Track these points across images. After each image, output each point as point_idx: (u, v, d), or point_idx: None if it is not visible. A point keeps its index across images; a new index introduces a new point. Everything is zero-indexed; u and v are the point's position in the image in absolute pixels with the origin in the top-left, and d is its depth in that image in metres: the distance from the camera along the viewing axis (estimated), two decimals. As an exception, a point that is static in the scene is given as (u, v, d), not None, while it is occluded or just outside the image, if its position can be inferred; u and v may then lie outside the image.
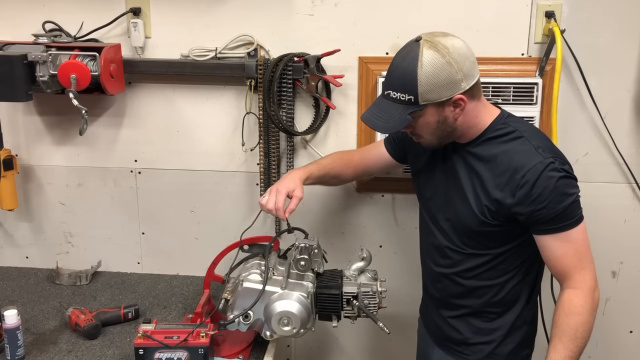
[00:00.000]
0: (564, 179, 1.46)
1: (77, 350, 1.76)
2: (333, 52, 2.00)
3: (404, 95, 1.45)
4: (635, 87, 1.99)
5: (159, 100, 2.16)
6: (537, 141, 1.50)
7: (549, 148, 1.50)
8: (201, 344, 1.58)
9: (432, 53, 1.43)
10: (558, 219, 1.47)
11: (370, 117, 1.52)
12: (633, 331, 2.21)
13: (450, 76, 1.43)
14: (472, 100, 1.49)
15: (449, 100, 1.45)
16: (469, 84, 1.46)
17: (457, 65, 1.43)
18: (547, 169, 1.44)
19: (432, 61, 1.42)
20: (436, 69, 1.42)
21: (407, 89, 1.44)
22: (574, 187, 1.49)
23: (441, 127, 1.50)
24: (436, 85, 1.43)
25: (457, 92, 1.45)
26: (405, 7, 2.00)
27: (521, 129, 1.52)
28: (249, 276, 1.68)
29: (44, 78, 1.95)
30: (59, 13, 2.09)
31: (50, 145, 2.24)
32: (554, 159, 1.46)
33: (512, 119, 1.57)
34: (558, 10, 1.94)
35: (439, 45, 1.43)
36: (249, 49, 2.06)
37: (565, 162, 1.50)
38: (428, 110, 1.46)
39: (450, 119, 1.49)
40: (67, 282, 2.16)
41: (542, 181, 1.44)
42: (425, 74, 1.42)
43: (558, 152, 1.52)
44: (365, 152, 1.92)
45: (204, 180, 2.21)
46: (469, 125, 1.53)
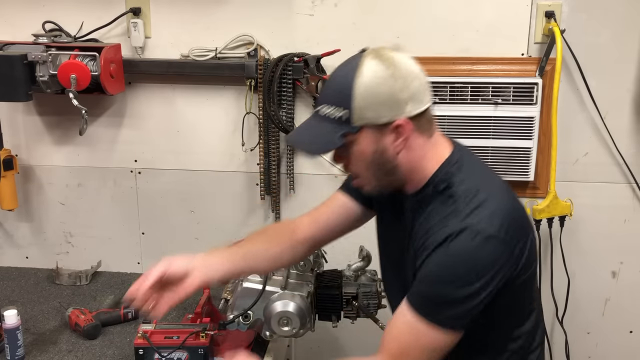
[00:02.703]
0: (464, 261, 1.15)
1: (77, 350, 1.76)
2: (333, 52, 1.99)
3: (337, 110, 1.19)
4: (635, 87, 1.99)
5: (158, 100, 2.16)
6: (467, 200, 1.20)
7: (483, 214, 1.17)
8: (201, 344, 1.58)
9: (375, 63, 1.19)
10: (421, 297, 1.20)
11: (295, 136, 1.29)
12: (633, 331, 2.21)
13: (393, 92, 1.18)
14: (419, 134, 1.23)
15: (389, 124, 1.19)
16: (416, 108, 1.20)
17: (402, 81, 1.18)
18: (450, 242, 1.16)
19: (373, 71, 1.18)
20: (377, 81, 1.17)
21: (341, 102, 1.19)
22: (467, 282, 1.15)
23: (379, 161, 1.23)
24: (375, 101, 1.17)
25: (401, 115, 1.18)
26: (405, 7, 2.00)
27: (458, 186, 1.23)
28: (248, 276, 1.68)
29: (44, 78, 1.95)
30: (59, 13, 2.09)
31: (50, 145, 2.24)
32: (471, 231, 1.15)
33: (459, 165, 1.26)
34: (558, 10, 1.94)
35: (384, 56, 1.20)
36: (249, 49, 2.06)
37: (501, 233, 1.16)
38: (364, 134, 1.20)
39: (390, 152, 1.22)
40: (67, 282, 2.16)
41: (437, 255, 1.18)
42: (363, 85, 1.17)
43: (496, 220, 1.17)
44: (319, 213, 1.52)
45: (204, 180, 2.21)
46: (413, 168, 1.25)
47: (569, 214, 2.04)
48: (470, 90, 1.96)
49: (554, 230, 2.07)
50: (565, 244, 2.10)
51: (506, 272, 1.19)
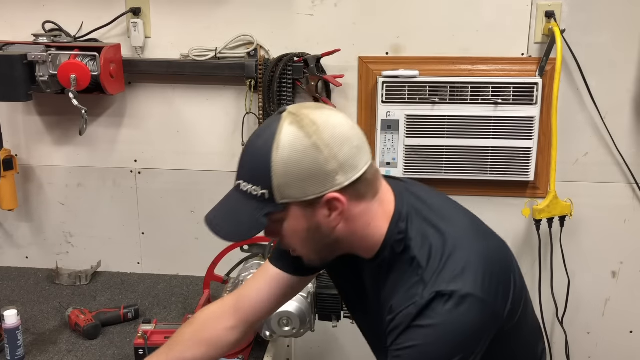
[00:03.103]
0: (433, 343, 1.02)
1: (77, 351, 1.76)
2: (333, 52, 2.00)
3: (257, 189, 1.03)
4: (635, 87, 1.99)
5: (158, 100, 2.16)
6: (432, 262, 1.05)
7: (452, 273, 1.03)
8: (201, 344, 1.58)
9: (293, 131, 1.01)
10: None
11: (214, 218, 1.10)
12: (633, 331, 2.21)
13: (317, 165, 1.00)
14: (357, 202, 1.06)
15: (318, 199, 1.03)
16: (348, 178, 1.02)
17: (328, 150, 1.00)
18: (422, 314, 1.03)
19: (292, 142, 1.00)
20: (297, 154, 1.00)
21: (259, 179, 1.03)
22: (457, 353, 1.03)
23: (315, 237, 1.08)
24: (297, 178, 1.01)
25: (330, 189, 1.02)
26: (405, 7, 2.00)
27: (416, 244, 1.08)
28: (248, 276, 1.68)
29: (43, 78, 1.95)
30: (58, 13, 2.09)
31: (50, 145, 2.24)
32: (444, 295, 1.02)
33: (410, 218, 1.10)
34: (558, 10, 1.94)
35: (305, 120, 1.02)
36: (249, 49, 2.06)
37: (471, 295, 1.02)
38: (292, 212, 1.04)
39: (325, 227, 1.06)
40: (67, 282, 2.16)
41: (409, 334, 1.04)
42: (281, 160, 1.00)
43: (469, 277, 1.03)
44: (246, 293, 1.33)
45: (204, 180, 2.21)
46: (360, 238, 1.10)
47: (569, 214, 2.04)
48: (470, 90, 1.96)
49: (554, 230, 2.07)
50: (565, 244, 2.10)
51: (492, 329, 1.07)
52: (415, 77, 1.98)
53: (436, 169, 2.02)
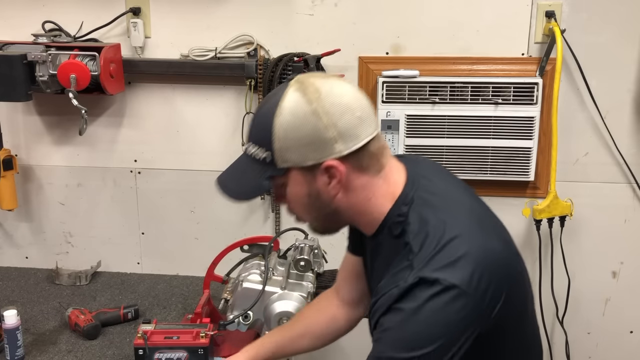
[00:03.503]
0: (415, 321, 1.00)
1: (76, 351, 1.76)
2: (333, 52, 1.99)
3: (260, 152, 1.07)
4: (635, 87, 1.99)
5: (158, 100, 2.16)
6: (424, 249, 1.03)
7: (443, 262, 1.01)
8: (201, 344, 1.58)
9: (296, 97, 1.05)
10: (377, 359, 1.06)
11: (223, 179, 1.16)
12: (633, 331, 2.21)
13: (316, 132, 1.03)
14: (359, 173, 1.08)
15: (317, 166, 1.05)
16: (348, 147, 1.04)
17: (327, 118, 1.03)
18: (403, 298, 1.02)
19: (293, 108, 1.04)
20: (297, 119, 1.04)
21: (263, 142, 1.07)
22: (431, 343, 1.00)
23: (315, 204, 1.10)
24: (297, 142, 1.04)
25: (329, 156, 1.04)
26: (405, 7, 2.00)
27: (414, 227, 1.07)
28: (248, 276, 1.68)
29: (43, 78, 1.95)
30: (58, 13, 2.09)
31: (50, 145, 2.24)
32: (427, 282, 1.00)
33: (414, 206, 1.09)
34: (558, 10, 1.94)
35: (309, 88, 1.06)
36: (249, 49, 2.06)
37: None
38: (292, 176, 1.08)
39: (325, 195, 1.08)
40: (67, 282, 2.16)
41: (388, 315, 1.04)
42: (282, 124, 1.04)
43: (460, 269, 1.00)
44: (342, 278, 1.44)
45: (204, 180, 2.21)
46: (359, 212, 1.11)
47: (569, 214, 2.04)
48: (470, 90, 1.96)
49: (554, 230, 2.07)
50: (566, 244, 2.10)
51: (474, 328, 1.02)
52: (415, 77, 1.98)
53: (436, 169, 2.02)
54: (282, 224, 2.20)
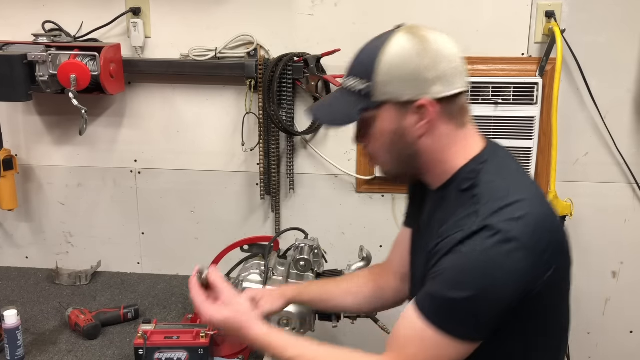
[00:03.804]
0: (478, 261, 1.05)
1: (77, 351, 1.76)
2: (333, 52, 1.99)
3: (360, 83, 1.14)
4: (635, 87, 1.99)
5: (158, 100, 2.16)
6: (491, 202, 1.09)
7: (507, 216, 1.06)
8: (201, 344, 1.58)
9: (404, 38, 1.13)
10: (431, 302, 1.10)
11: (315, 107, 1.24)
12: (633, 331, 2.21)
13: (419, 69, 1.11)
14: (446, 120, 1.15)
15: (411, 103, 1.12)
16: (443, 91, 1.12)
17: (430, 60, 1.11)
18: (467, 241, 1.06)
19: (400, 46, 1.12)
20: (402, 57, 1.11)
21: (364, 74, 1.14)
22: (482, 286, 1.05)
23: (399, 143, 1.16)
24: (399, 76, 1.11)
25: (425, 94, 1.11)
26: (405, 7, 2.00)
27: (483, 185, 1.12)
28: (248, 276, 1.68)
29: (43, 78, 1.95)
30: (58, 13, 2.09)
31: (50, 145, 2.24)
32: (491, 229, 1.05)
33: (488, 165, 1.16)
34: (558, 10, 1.94)
35: (418, 33, 1.14)
36: (249, 49, 2.06)
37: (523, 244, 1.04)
38: (385, 110, 1.14)
39: (410, 134, 1.14)
40: (67, 282, 2.16)
41: (451, 255, 1.08)
42: (387, 58, 1.12)
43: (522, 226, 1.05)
44: (396, 252, 1.50)
45: (204, 180, 2.21)
46: (436, 159, 1.17)
47: (569, 214, 2.04)
48: (470, 90, 1.96)
49: (554, 230, 2.07)
50: (566, 244, 2.10)
51: (527, 285, 1.07)
52: (416, 77, 1.98)
53: (436, 169, 2.02)
54: (282, 224, 2.20)
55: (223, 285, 1.31)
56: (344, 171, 2.14)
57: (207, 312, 1.28)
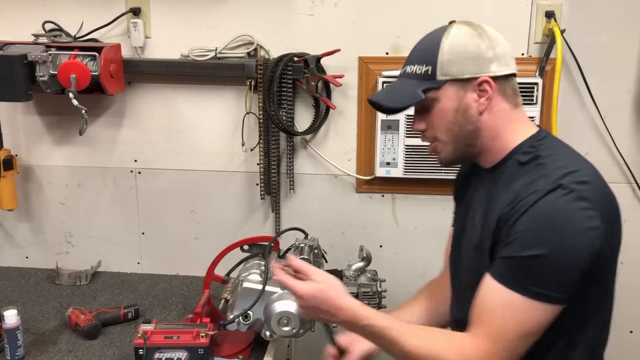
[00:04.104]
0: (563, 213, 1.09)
1: (77, 350, 1.76)
2: (333, 52, 2.00)
3: (421, 67, 1.22)
4: (635, 87, 1.99)
5: (158, 100, 2.16)
6: (558, 167, 1.15)
7: (577, 179, 1.12)
8: (201, 344, 1.58)
9: (462, 25, 1.23)
10: (514, 268, 1.12)
11: (376, 94, 1.29)
12: (633, 331, 2.21)
13: (479, 49, 1.19)
14: (503, 98, 1.22)
15: (473, 80, 1.19)
16: (501, 69, 1.21)
17: (489, 41, 1.20)
18: (543, 199, 1.10)
19: (461, 31, 1.21)
20: (464, 39, 1.20)
21: (426, 58, 1.21)
22: (566, 241, 1.09)
23: (461, 121, 1.21)
24: (460, 56, 1.19)
25: (485, 72, 1.19)
26: (405, 7, 2.00)
27: (545, 156, 1.18)
28: (248, 276, 1.68)
29: (43, 78, 1.95)
30: (59, 13, 2.09)
31: (50, 145, 2.24)
32: (566, 188, 1.10)
33: (547, 141, 1.23)
34: (558, 10, 1.94)
35: (473, 23, 1.24)
36: (249, 49, 2.06)
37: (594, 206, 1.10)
38: (447, 90, 1.20)
39: (472, 110, 1.21)
40: (67, 282, 2.16)
41: (530, 212, 1.11)
42: (450, 42, 1.20)
43: (591, 189, 1.12)
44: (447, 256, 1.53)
45: (204, 180, 2.21)
46: (495, 135, 1.23)
47: (569, 214, 2.04)
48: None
49: (554, 230, 2.07)
50: (566, 244, 2.09)
51: (599, 246, 1.11)
52: (416, 77, 1.98)
53: (436, 169, 2.02)
54: (282, 224, 2.20)
55: (309, 267, 1.28)
56: (344, 171, 2.14)
57: (299, 288, 1.24)
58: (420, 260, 2.17)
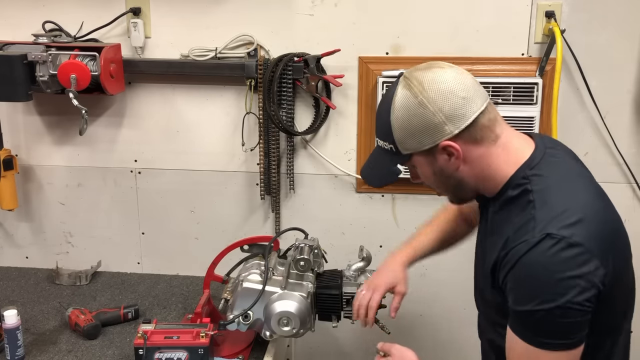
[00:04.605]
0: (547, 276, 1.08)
1: (77, 350, 1.76)
2: (333, 52, 2.00)
3: (386, 144, 1.24)
4: (635, 87, 1.99)
5: (158, 100, 2.16)
6: (548, 208, 1.14)
7: (566, 222, 1.10)
8: (201, 344, 1.58)
9: (404, 93, 1.19)
10: (518, 320, 1.15)
11: (365, 169, 1.35)
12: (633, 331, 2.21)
13: (426, 119, 1.17)
14: (474, 145, 1.19)
15: (434, 148, 1.19)
16: (458, 127, 1.16)
17: (433, 105, 1.16)
18: (531, 252, 1.10)
19: (403, 103, 1.19)
20: (408, 112, 1.18)
21: (386, 137, 1.23)
22: (560, 295, 1.07)
23: (442, 179, 1.25)
24: (411, 132, 1.19)
25: (442, 138, 1.17)
26: (405, 7, 2.00)
27: (537, 191, 1.17)
28: (248, 276, 1.68)
29: (44, 78, 1.95)
30: (59, 13, 2.09)
31: (50, 145, 2.24)
32: (553, 238, 1.09)
33: (539, 169, 1.20)
34: (558, 10, 1.94)
35: (413, 82, 1.19)
36: (249, 49, 2.06)
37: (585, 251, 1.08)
38: (416, 160, 1.23)
39: (448, 170, 1.22)
40: (67, 282, 2.16)
41: (519, 267, 1.12)
42: (396, 119, 1.20)
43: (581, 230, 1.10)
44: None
45: (204, 180, 2.21)
46: (482, 178, 1.23)
47: (569, 214, 2.04)
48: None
49: (554, 230, 2.07)
50: (566, 244, 2.09)
51: (605, 281, 1.10)
52: (416, 77, 1.98)
53: (436, 169, 2.02)
54: (282, 224, 2.20)
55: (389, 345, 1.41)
56: (344, 171, 2.14)
57: None
58: (420, 260, 2.17)
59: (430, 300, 2.22)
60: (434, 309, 2.23)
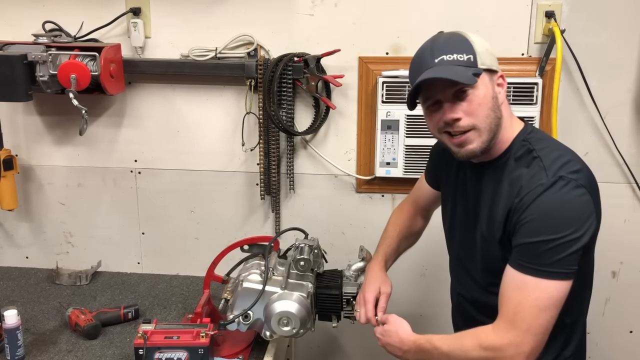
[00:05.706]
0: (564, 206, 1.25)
1: (77, 350, 1.76)
2: (333, 52, 2.00)
3: (462, 56, 1.29)
4: (635, 87, 1.99)
5: (158, 100, 2.16)
6: (553, 160, 1.30)
7: (571, 169, 1.28)
8: (201, 344, 1.58)
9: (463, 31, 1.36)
10: (525, 253, 1.28)
11: (432, 72, 1.30)
12: (633, 331, 2.21)
13: (490, 49, 1.35)
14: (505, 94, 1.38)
15: (496, 73, 1.35)
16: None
17: (491, 48, 1.36)
18: (547, 191, 1.26)
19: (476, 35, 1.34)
20: (481, 38, 1.34)
21: (464, 48, 1.30)
22: (569, 225, 1.24)
23: (495, 108, 1.32)
24: (487, 50, 1.33)
25: (499, 68, 1.36)
26: (405, 7, 2.00)
27: (540, 150, 1.33)
28: (248, 276, 1.68)
29: (44, 78, 1.95)
30: (59, 13, 2.09)
31: (50, 145, 2.24)
32: (565, 179, 1.26)
33: (534, 134, 1.38)
34: (558, 10, 1.94)
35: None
36: (249, 49, 2.06)
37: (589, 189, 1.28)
38: (484, 78, 1.31)
39: (499, 100, 1.34)
40: (67, 282, 2.16)
41: (537, 203, 1.26)
42: (475, 38, 1.32)
43: (583, 176, 1.29)
44: (416, 197, 1.76)
45: (204, 180, 2.21)
46: (505, 126, 1.36)
47: (569, 214, 2.04)
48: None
49: (554, 230, 2.07)
50: (565, 244, 2.09)
51: (594, 225, 1.27)
52: (416, 77, 1.98)
53: (436, 169, 2.02)
54: (282, 224, 2.20)
55: (387, 316, 1.55)
56: (344, 171, 2.14)
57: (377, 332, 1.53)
58: (420, 260, 2.17)
59: (430, 300, 2.22)
60: (434, 309, 2.23)
